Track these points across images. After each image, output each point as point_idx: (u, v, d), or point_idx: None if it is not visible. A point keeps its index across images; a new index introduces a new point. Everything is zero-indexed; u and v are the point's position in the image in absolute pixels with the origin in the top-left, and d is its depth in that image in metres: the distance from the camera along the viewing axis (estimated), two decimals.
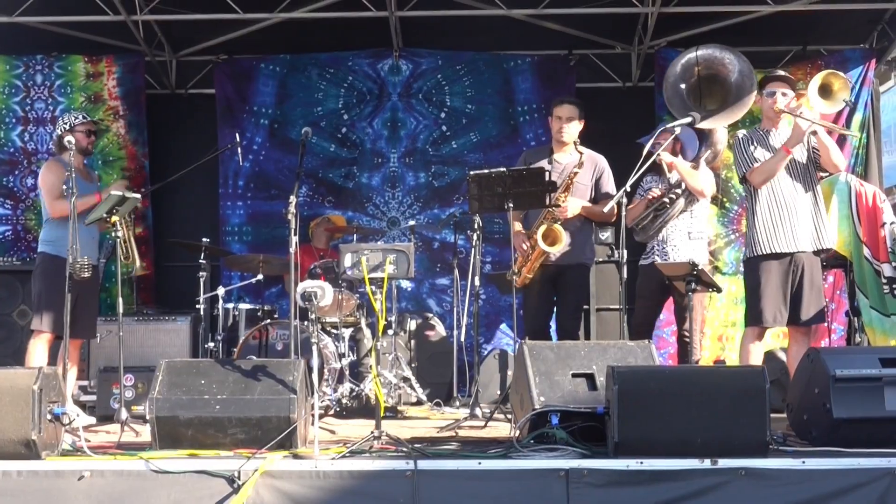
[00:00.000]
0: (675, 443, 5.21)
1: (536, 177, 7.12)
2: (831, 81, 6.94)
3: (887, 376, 5.55)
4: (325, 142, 10.42)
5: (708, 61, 9.13)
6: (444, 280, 10.25)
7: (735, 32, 10.04)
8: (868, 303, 7.19)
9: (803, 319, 6.73)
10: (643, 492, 5.07)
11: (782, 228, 6.69)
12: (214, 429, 5.50)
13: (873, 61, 10.21)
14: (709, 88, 9.17)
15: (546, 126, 9.64)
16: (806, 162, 6.81)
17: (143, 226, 10.24)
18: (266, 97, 10.44)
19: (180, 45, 10.57)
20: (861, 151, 10.10)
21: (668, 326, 9.49)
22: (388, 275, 5.93)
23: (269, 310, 8.71)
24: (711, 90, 9.19)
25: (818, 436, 5.62)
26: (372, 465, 5.21)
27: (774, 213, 6.73)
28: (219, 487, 5.08)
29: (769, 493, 5.08)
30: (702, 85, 9.14)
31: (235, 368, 5.73)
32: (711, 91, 9.17)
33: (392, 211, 10.43)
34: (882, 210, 7.18)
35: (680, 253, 7.54)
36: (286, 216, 6.41)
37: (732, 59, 9.20)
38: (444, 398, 8.61)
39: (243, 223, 10.42)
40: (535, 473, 5.13)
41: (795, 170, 6.79)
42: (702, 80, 9.21)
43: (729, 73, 8.96)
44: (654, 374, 5.62)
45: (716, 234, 10.14)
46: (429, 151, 10.47)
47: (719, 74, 9.12)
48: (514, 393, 6.32)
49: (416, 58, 10.49)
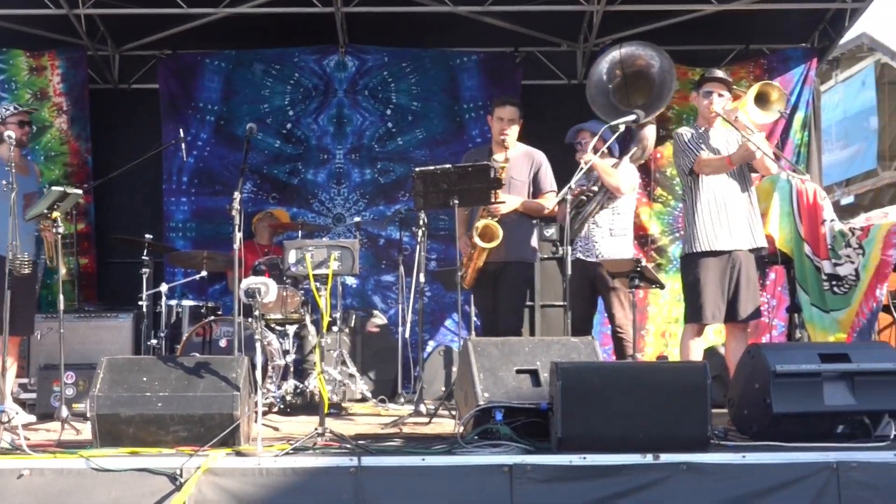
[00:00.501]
0: (618, 438, 5.24)
1: (482, 173, 7.12)
2: (768, 91, 7.04)
3: (826, 372, 5.62)
4: (271, 138, 10.37)
5: (632, 58, 9.26)
6: (389, 277, 10.24)
7: (679, 31, 10.14)
8: (809, 299, 7.27)
9: (741, 317, 6.83)
10: (586, 487, 5.09)
11: (721, 226, 6.78)
12: (156, 426, 5.45)
13: (814, 60, 10.33)
14: (635, 84, 9.29)
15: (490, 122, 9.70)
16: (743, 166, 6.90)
17: (85, 222, 10.17)
18: (211, 93, 10.37)
19: (123, 39, 10.47)
20: (803, 150, 10.22)
21: None
22: (333, 271, 5.91)
23: (213, 306, 8.67)
24: (638, 86, 9.31)
25: (758, 430, 5.67)
26: (315, 461, 5.20)
27: (714, 210, 6.81)
28: (160, 485, 5.04)
29: (710, 487, 5.12)
30: (628, 82, 9.27)
31: (178, 365, 5.68)
32: (638, 87, 9.29)
33: (337, 207, 10.40)
34: (822, 207, 7.26)
35: (602, 249, 7.62)
36: (230, 212, 6.38)
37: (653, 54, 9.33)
38: (389, 395, 8.62)
39: (187, 219, 10.35)
40: (479, 469, 5.13)
41: (736, 173, 6.89)
42: (627, 77, 9.34)
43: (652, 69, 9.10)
44: (598, 370, 5.64)
45: (660, 232, 10.22)
46: (374, 148, 10.45)
47: (643, 70, 9.25)
48: (458, 389, 6.33)
49: (362, 54, 10.46)
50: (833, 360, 5.67)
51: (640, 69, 9.33)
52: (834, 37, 10.38)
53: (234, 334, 6.57)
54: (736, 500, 5.10)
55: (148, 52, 10.49)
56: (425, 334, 8.29)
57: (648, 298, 9.98)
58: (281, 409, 7.79)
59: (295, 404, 7.91)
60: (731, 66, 10.24)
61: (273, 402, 7.74)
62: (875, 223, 7.05)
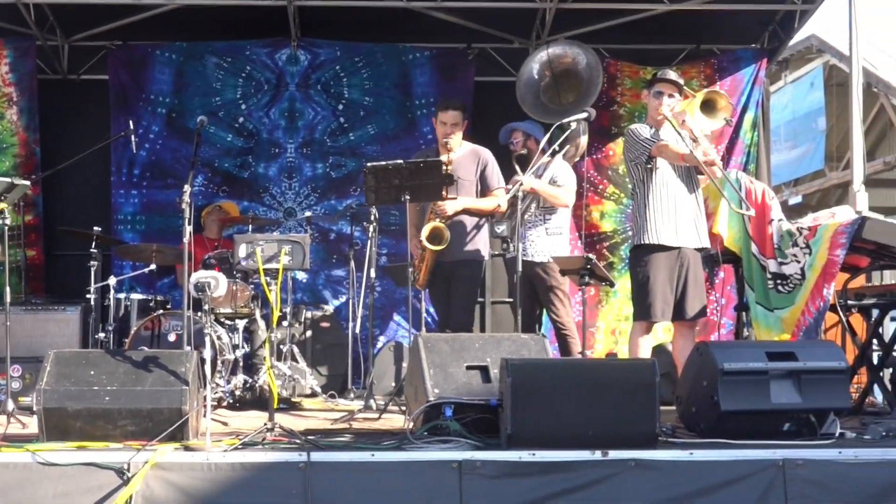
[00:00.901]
0: (567, 434, 5.27)
1: (433, 169, 7.13)
2: (715, 99, 7.10)
3: (773, 370, 5.68)
4: (223, 131, 10.31)
5: (559, 58, 9.36)
6: (339, 271, 10.22)
7: (631, 30, 10.21)
8: (754, 297, 7.33)
9: (688, 315, 6.89)
10: (535, 483, 5.11)
11: (671, 222, 6.83)
12: (104, 420, 5.42)
13: (764, 61, 10.42)
14: (565, 83, 9.39)
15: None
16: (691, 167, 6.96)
17: (33, 213, 10.06)
18: (162, 85, 10.28)
19: (73, 29, 10.35)
20: (752, 150, 10.31)
21: None
22: (283, 266, 5.89)
23: (162, 300, 8.60)
24: (568, 84, 9.41)
25: (706, 428, 5.72)
26: (264, 456, 5.18)
27: (665, 205, 6.86)
28: (108, 479, 5.00)
29: (658, 484, 5.16)
30: (557, 81, 9.37)
31: (126, 359, 5.64)
32: (569, 85, 9.39)
33: (289, 201, 10.36)
34: (770, 207, 7.32)
35: (537, 248, 7.74)
36: (180, 205, 6.33)
37: (579, 52, 9.45)
38: (339, 390, 8.59)
39: (137, 212, 10.26)
40: (428, 465, 5.14)
41: (684, 173, 6.95)
42: (556, 76, 9.43)
43: (579, 66, 9.20)
44: (547, 366, 5.68)
45: (613, 230, 10.27)
46: (326, 142, 10.42)
47: (571, 69, 9.35)
48: (408, 385, 6.33)
49: (314, 48, 10.42)
50: (780, 358, 5.74)
51: (567, 68, 9.44)
52: (783, 38, 10.49)
53: (183, 328, 6.52)
54: (683, 496, 5.14)
55: (98, 43, 10.37)
56: (375, 329, 8.27)
57: (599, 296, 10.04)
58: (230, 403, 7.75)
59: (244, 399, 7.88)
60: (682, 65, 10.31)
61: (222, 397, 7.70)
62: (822, 223, 7.11)
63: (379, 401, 7.41)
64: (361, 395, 7.89)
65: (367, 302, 7.94)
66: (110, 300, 8.30)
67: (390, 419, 6.74)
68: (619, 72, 10.36)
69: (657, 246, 6.84)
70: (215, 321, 7.91)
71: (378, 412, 6.99)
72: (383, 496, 5.07)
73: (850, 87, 9.01)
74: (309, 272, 9.87)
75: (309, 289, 10.22)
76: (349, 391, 8.45)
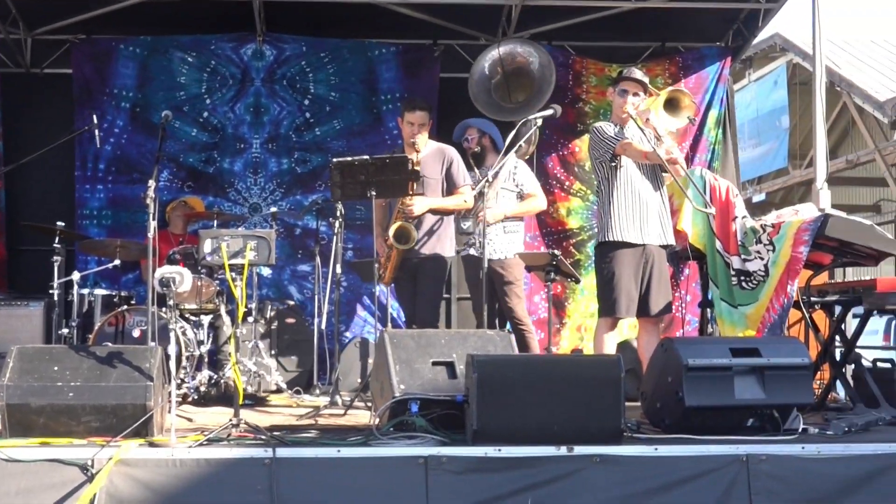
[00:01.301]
0: (533, 430, 5.28)
1: (399, 165, 7.14)
2: (679, 97, 7.15)
3: (737, 366, 5.72)
4: (187, 126, 10.26)
5: (511, 56, 9.40)
6: (305, 267, 10.19)
7: (596, 27, 10.25)
8: (719, 294, 7.38)
9: (653, 312, 6.95)
10: (501, 478, 5.13)
11: (636, 220, 6.89)
12: (67, 416, 5.37)
13: (728, 59, 10.48)
14: (516, 81, 9.43)
15: None
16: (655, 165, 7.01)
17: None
18: (127, 79, 10.21)
19: (36, 22, 10.26)
20: (717, 147, 10.37)
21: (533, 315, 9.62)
22: (249, 261, 5.86)
23: (126, 296, 8.55)
24: (520, 83, 9.44)
25: (671, 423, 5.76)
26: (230, 452, 5.16)
27: (630, 203, 6.91)
28: (72, 476, 4.97)
29: (623, 480, 5.19)
30: (508, 80, 9.41)
31: (90, 355, 5.60)
32: (520, 84, 9.43)
33: (254, 197, 10.32)
34: (734, 204, 7.36)
35: (495, 246, 7.83)
36: (144, 200, 6.29)
37: (531, 51, 9.49)
38: (305, 386, 8.58)
39: (103, 207, 10.18)
40: (394, 461, 5.15)
41: (648, 170, 7.01)
42: (508, 75, 9.47)
43: (531, 66, 9.24)
44: (513, 362, 5.69)
45: (579, 227, 10.30)
46: (292, 138, 10.39)
47: (523, 67, 9.39)
48: (374, 381, 6.33)
49: (279, 43, 10.38)
50: (744, 354, 5.78)
51: (519, 66, 9.47)
52: (748, 36, 10.55)
53: (147, 324, 6.49)
54: (648, 492, 5.17)
55: (61, 37, 10.29)
56: (341, 325, 8.26)
57: (566, 293, 10.06)
58: (195, 399, 7.72)
59: (209, 395, 7.86)
60: (647, 63, 10.36)
61: (187, 393, 7.68)
62: (786, 220, 7.16)
63: (345, 397, 7.40)
64: (327, 390, 7.88)
65: (332, 297, 7.93)
66: (74, 295, 8.24)
67: (356, 415, 6.73)
68: (584, 69, 10.39)
69: (622, 243, 6.89)
70: (180, 317, 7.88)
71: (344, 408, 6.98)
72: (349, 492, 5.07)
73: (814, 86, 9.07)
74: (274, 267, 9.84)
75: (274, 284, 10.19)
76: (315, 387, 8.43)
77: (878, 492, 5.30)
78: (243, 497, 5.02)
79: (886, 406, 6.70)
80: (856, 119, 20.52)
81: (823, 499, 5.26)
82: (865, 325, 7.25)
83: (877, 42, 23.07)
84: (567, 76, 10.28)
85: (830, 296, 7.36)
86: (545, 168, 10.21)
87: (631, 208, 6.90)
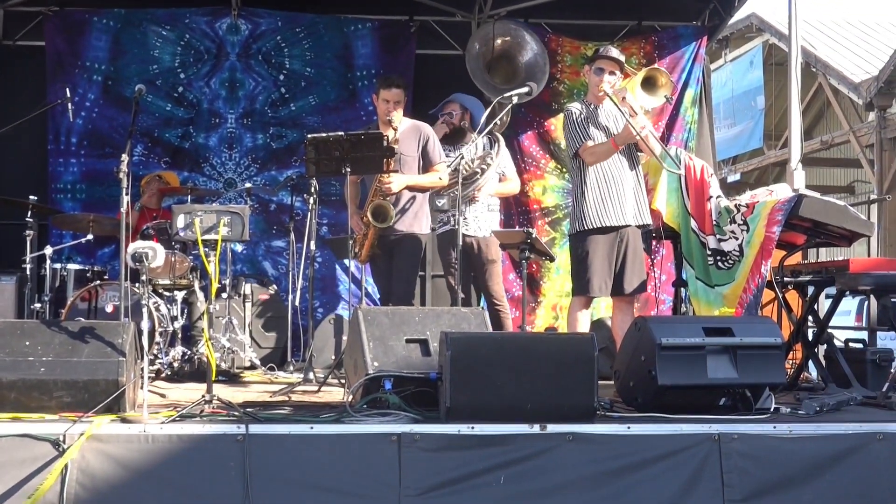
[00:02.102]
0: (506, 408, 5.29)
1: (375, 141, 7.11)
2: (656, 76, 7.18)
3: (710, 345, 5.75)
4: (161, 100, 10.18)
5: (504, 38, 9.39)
6: (279, 243, 10.16)
7: (573, 5, 10.24)
8: (694, 273, 7.40)
9: (627, 291, 6.98)
10: (474, 456, 5.14)
11: (611, 203, 6.91)
12: (39, 391, 5.34)
13: (704, 38, 10.49)
14: (497, 64, 9.42)
15: None
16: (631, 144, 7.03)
17: None
18: (99, 52, 10.11)
19: None
20: (693, 126, 10.39)
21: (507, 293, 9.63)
22: (223, 237, 5.84)
23: (100, 270, 8.51)
24: (498, 66, 9.44)
25: (644, 402, 5.78)
26: (202, 429, 5.15)
27: (603, 187, 6.94)
28: (43, 451, 4.95)
29: (596, 457, 5.21)
30: (492, 61, 9.41)
31: (62, 330, 5.56)
32: (498, 66, 9.42)
33: (229, 172, 10.27)
34: (709, 184, 7.37)
35: (481, 224, 7.86)
36: (118, 175, 6.24)
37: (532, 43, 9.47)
38: (278, 362, 8.56)
39: (77, 181, 10.10)
40: (368, 438, 5.15)
41: (624, 150, 7.01)
42: (494, 56, 9.48)
43: (520, 59, 9.23)
44: (487, 340, 5.69)
45: (555, 205, 10.31)
46: (267, 113, 10.34)
47: (509, 52, 9.38)
48: (348, 358, 6.33)
49: (255, 18, 10.31)
50: (716, 333, 5.81)
51: (506, 50, 9.46)
52: (724, 16, 10.56)
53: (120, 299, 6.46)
54: (621, 469, 5.19)
55: (34, 9, 10.17)
56: (315, 302, 8.25)
57: (541, 271, 10.07)
58: (168, 375, 7.70)
59: (183, 371, 7.83)
60: (623, 41, 10.35)
61: (160, 369, 7.66)
62: (760, 200, 7.18)
63: (318, 373, 7.39)
64: (301, 367, 7.87)
65: (307, 274, 7.90)
66: (46, 270, 8.19)
67: (330, 392, 6.72)
68: (559, 47, 10.37)
69: (596, 229, 6.91)
70: (154, 292, 7.85)
71: (317, 385, 6.97)
72: (322, 469, 5.07)
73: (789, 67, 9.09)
74: (249, 243, 9.81)
75: (249, 260, 10.16)
76: (289, 364, 8.41)
77: (848, 471, 5.34)
78: (216, 473, 5.01)
79: (858, 386, 6.76)
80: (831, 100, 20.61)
81: (794, 477, 5.30)
82: (838, 306, 7.28)
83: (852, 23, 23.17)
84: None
85: (803, 276, 7.41)
86: (521, 146, 10.21)
87: (605, 192, 6.93)
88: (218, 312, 8.16)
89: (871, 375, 7.05)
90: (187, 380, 7.63)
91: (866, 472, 5.36)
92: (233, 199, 10.04)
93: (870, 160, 19.07)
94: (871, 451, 5.40)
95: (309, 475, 5.06)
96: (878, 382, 6.77)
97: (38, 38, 10.19)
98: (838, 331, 7.99)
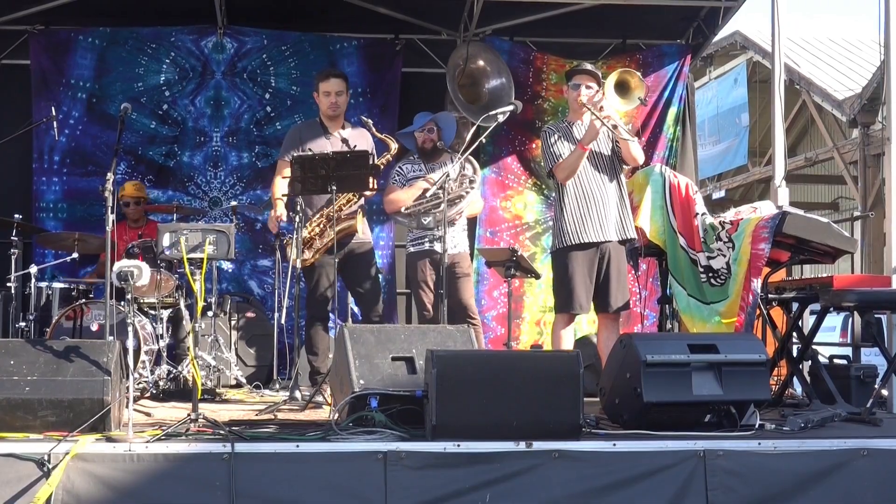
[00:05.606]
0: (492, 426, 5.30)
1: (360, 160, 7.13)
2: (627, 79, 7.20)
3: (695, 362, 5.76)
4: (146, 118, 10.16)
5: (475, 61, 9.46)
6: (265, 261, 10.15)
7: (559, 23, 10.26)
8: (685, 291, 7.39)
9: (612, 308, 7.01)
10: (460, 474, 5.15)
11: (590, 219, 6.95)
12: (23, 411, 5.34)
13: (688, 57, 10.53)
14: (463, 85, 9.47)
15: (369, 109, 9.69)
16: (610, 154, 7.12)
17: None
18: (84, 70, 10.09)
19: None
20: (675, 144, 10.41)
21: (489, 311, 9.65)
22: (208, 255, 5.85)
23: (85, 289, 8.49)
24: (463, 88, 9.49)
25: (629, 419, 5.79)
26: (188, 448, 5.15)
27: (582, 204, 6.98)
28: (27, 471, 4.94)
29: (581, 475, 5.22)
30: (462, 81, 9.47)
31: (47, 349, 5.57)
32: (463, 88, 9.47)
33: (214, 191, 10.26)
34: (695, 201, 7.40)
35: (457, 242, 7.86)
36: (102, 193, 6.24)
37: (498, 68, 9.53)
38: (264, 381, 8.57)
39: (59, 199, 10.06)
40: (354, 456, 5.15)
41: (602, 162, 7.06)
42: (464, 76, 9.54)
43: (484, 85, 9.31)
44: (473, 358, 5.70)
45: (535, 220, 10.32)
46: (253, 131, 10.33)
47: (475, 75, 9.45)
48: (333, 376, 6.33)
49: (240, 36, 10.31)
50: (701, 350, 5.82)
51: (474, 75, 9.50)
52: (708, 34, 10.61)
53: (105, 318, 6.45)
54: (607, 487, 5.20)
55: (19, 27, 10.15)
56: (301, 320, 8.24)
57: (524, 288, 10.08)
58: (153, 394, 7.68)
59: (168, 390, 7.82)
60: (608, 59, 10.40)
61: (146, 388, 7.64)
62: (744, 217, 7.21)
63: (304, 392, 7.39)
64: (286, 385, 7.86)
65: (293, 292, 7.91)
66: (31, 289, 8.17)
67: (316, 411, 6.72)
68: (545, 65, 10.40)
69: (577, 245, 6.94)
70: (139, 311, 7.84)
71: (303, 403, 6.97)
72: (308, 487, 5.07)
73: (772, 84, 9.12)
74: (234, 262, 9.81)
75: (235, 279, 10.14)
76: (274, 382, 8.41)
77: (833, 487, 5.36)
78: (202, 492, 5.00)
79: (842, 402, 6.77)
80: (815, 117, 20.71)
81: (779, 494, 5.32)
82: (822, 322, 7.30)
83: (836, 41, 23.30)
84: (528, 73, 10.30)
85: (788, 293, 7.43)
86: (503, 163, 10.23)
87: (585, 210, 6.97)
88: (203, 331, 8.14)
89: (855, 391, 7.08)
90: (173, 398, 7.61)
91: (851, 488, 5.38)
92: (218, 218, 10.02)
93: (853, 177, 19.16)
94: (855, 468, 5.42)
95: (295, 493, 5.06)
96: (862, 398, 6.80)
97: (24, 57, 10.17)
98: (823, 347, 8.01)
